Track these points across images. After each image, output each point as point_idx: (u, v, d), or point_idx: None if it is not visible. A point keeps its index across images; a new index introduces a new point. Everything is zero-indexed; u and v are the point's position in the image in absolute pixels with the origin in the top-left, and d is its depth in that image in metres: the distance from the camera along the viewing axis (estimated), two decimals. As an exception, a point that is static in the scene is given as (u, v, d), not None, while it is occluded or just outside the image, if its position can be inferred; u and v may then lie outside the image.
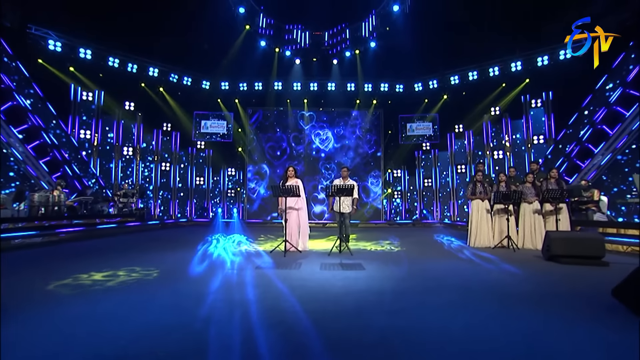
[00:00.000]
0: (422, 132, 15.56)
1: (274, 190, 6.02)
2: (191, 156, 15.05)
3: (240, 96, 15.31)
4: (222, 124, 15.61)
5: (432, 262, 5.08)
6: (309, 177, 15.16)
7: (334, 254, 5.78)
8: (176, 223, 13.09)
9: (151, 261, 4.89)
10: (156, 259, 5.11)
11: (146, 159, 13.49)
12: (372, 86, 15.21)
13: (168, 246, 6.74)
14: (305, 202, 6.53)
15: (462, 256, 5.61)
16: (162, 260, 5.06)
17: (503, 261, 5.05)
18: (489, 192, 6.94)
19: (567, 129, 10.67)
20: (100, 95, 11.97)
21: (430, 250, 6.50)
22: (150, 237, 8.64)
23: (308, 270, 4.40)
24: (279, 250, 5.95)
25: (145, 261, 4.87)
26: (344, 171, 6.69)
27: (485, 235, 6.84)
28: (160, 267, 4.46)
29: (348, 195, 6.07)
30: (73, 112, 11.43)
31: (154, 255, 5.50)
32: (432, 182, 15.10)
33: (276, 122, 15.47)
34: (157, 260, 5.04)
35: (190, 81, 14.46)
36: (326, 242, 7.74)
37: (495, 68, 12.81)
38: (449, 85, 14.22)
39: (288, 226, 6.27)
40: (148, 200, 12.84)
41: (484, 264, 4.84)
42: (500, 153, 13.14)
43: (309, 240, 6.64)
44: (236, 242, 7.50)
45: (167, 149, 14.26)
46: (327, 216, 14.94)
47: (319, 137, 15.49)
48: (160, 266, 4.51)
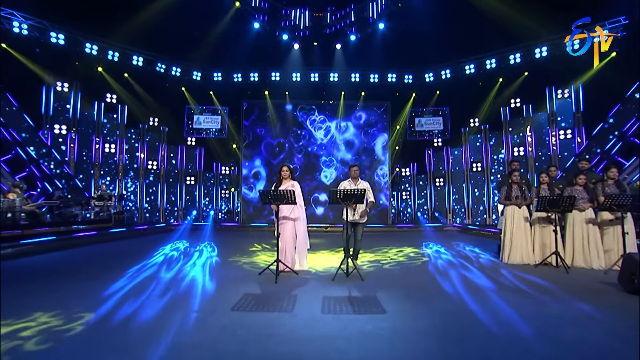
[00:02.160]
0: (432, 127, 14.23)
1: (263, 196, 4.74)
2: (181, 153, 13.79)
3: (235, 88, 14.01)
4: (216, 119, 14.34)
5: (471, 294, 3.80)
6: (310, 175, 13.89)
7: (339, 277, 4.53)
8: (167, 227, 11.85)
9: (84, 297, 3.59)
10: (93, 292, 3.73)
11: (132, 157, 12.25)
12: (378, 77, 13.88)
13: (130, 262, 5.48)
14: (303, 210, 5.25)
15: (506, 282, 4.33)
16: (102, 291, 3.78)
17: (567, 292, 3.77)
18: (528, 197, 5.65)
19: (604, 122, 9.31)
20: (77, 87, 10.69)
21: (459, 268, 5.22)
22: (116, 249, 7.37)
23: (304, 312, 3.14)
24: (270, 271, 4.70)
25: (72, 297, 3.58)
26: (354, 170, 5.27)
27: (523, 249, 5.57)
28: (97, 305, 3.20)
29: (359, 202, 4.79)
30: (45, 105, 10.16)
31: (92, 286, 3.99)
32: (443, 181, 13.79)
33: (274, 116, 14.17)
34: (93, 293, 3.69)
35: (179, 71, 13.17)
36: (329, 256, 6.47)
37: (517, 55, 11.44)
38: (464, 75, 12.87)
39: (282, 240, 4.99)
40: (123, 201, 11.45)
41: (545, 299, 3.55)
42: (521, 149, 11.80)
43: (308, 253, 5.37)
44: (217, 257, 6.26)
45: (154, 146, 13.01)
46: (330, 218, 13.67)
47: (321, 132, 14.19)
48: (96, 305, 3.23)
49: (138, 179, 12.36)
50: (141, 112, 12.39)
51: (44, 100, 10.11)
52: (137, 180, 12.32)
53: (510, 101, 11.99)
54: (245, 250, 7.03)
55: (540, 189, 5.63)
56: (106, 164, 11.45)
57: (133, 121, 12.21)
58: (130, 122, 12.13)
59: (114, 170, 11.58)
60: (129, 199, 11.97)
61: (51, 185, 9.13)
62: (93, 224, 8.77)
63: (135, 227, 9.37)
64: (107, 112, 11.41)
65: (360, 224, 5.22)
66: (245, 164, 14.02)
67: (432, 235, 10.69)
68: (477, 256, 6.47)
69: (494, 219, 12.46)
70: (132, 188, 12.24)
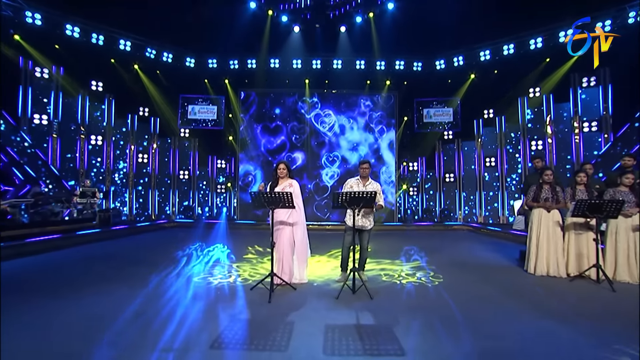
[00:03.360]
0: (441, 119, 13.50)
1: (256, 199, 4.10)
2: (174, 146, 13.16)
3: (231, 76, 13.29)
4: (212, 109, 13.67)
5: (507, 322, 3.17)
6: (311, 170, 13.23)
7: (344, 295, 3.91)
8: (155, 226, 11.28)
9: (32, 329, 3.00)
10: (41, 321, 3.17)
11: (120, 148, 11.60)
12: (385, 64, 13.10)
13: (106, 276, 4.88)
14: (302, 213, 4.60)
15: (547, 303, 3.69)
16: (54, 317, 3.18)
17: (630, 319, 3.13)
18: (562, 199, 4.98)
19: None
20: (60, 72, 9.99)
21: (481, 284, 4.57)
22: (89, 253, 6.70)
23: (302, 352, 2.52)
24: (264, 286, 4.09)
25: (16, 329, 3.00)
26: (364, 167, 4.57)
27: (551, 259, 4.92)
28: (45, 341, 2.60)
29: (367, 207, 4.14)
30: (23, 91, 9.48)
31: (30, 310, 3.41)
32: (454, 177, 13.11)
33: (273, 107, 13.46)
34: (43, 321, 3.12)
35: (171, 57, 12.43)
36: (330, 263, 5.85)
37: (538, 39, 10.61)
38: (478, 62, 12.07)
39: (278, 250, 4.36)
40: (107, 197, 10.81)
41: (607, 335, 2.92)
42: (539, 143, 11.06)
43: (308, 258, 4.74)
44: (211, 262, 5.65)
45: (143, 138, 12.36)
46: (331, 216, 13.06)
47: (323, 124, 13.48)
48: (44, 340, 2.63)
49: (127, 174, 11.76)
50: (130, 102, 11.72)
51: (21, 88, 9.45)
52: (126, 176, 11.72)
53: (529, 90, 11.20)
54: (239, 254, 6.44)
55: (577, 190, 4.96)
56: (92, 156, 10.80)
57: (121, 111, 11.54)
58: (119, 112, 11.45)
59: (100, 164, 10.96)
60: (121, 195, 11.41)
61: (30, 183, 8.54)
62: (76, 223, 8.20)
63: (114, 227, 8.72)
64: (93, 102, 10.72)
65: (366, 230, 4.57)
66: (242, 157, 13.37)
67: (442, 236, 10.07)
68: (498, 264, 5.83)
69: (508, 218, 11.82)
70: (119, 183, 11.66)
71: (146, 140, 12.39)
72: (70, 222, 8.16)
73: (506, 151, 11.96)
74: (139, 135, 12.21)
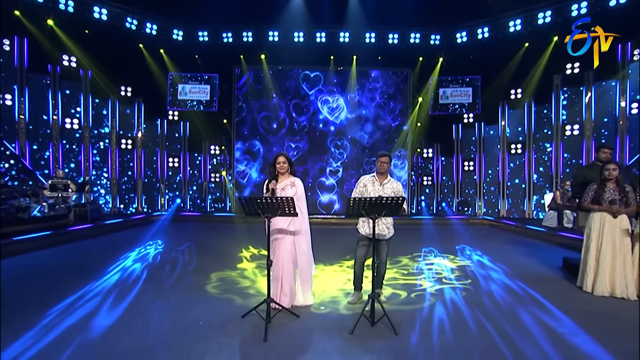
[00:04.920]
0: (460, 100, 12.42)
1: (247, 206, 3.24)
2: (162, 130, 12.24)
3: (225, 51, 12.18)
4: (204, 89, 12.64)
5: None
6: (314, 157, 12.32)
7: (361, 328, 3.12)
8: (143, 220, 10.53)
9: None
10: None
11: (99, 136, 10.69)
12: (398, 37, 11.92)
13: (53, 294, 4.07)
14: (306, 220, 3.76)
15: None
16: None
17: None
18: (633, 201, 4.08)
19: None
20: (22, 44, 8.94)
21: (530, 307, 3.72)
22: (49, 262, 5.84)
23: None
24: (258, 314, 3.30)
25: None
26: (384, 162, 3.69)
27: (619, 276, 4.05)
28: None
29: (392, 214, 3.29)
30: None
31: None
32: (474, 165, 12.16)
33: (272, 86, 12.42)
34: None
35: (155, 29, 11.30)
36: (339, 274, 5.03)
37: (583, 4, 9.36)
38: (506, 34, 10.87)
39: (276, 265, 3.55)
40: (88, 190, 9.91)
41: None
42: (575, 128, 10.02)
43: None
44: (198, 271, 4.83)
45: (127, 121, 11.42)
46: (337, 207, 12.26)
47: (328, 105, 12.45)
48: None
49: (108, 161, 10.89)
50: (109, 80, 10.70)
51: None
52: (106, 164, 10.85)
53: (566, 67, 10.05)
54: (229, 261, 5.63)
55: (607, 189, 4.11)
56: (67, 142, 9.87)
57: (98, 91, 10.52)
58: (96, 91, 10.44)
59: (75, 150, 10.05)
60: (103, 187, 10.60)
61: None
62: (47, 220, 7.41)
63: (69, 228, 7.83)
64: (66, 78, 9.68)
65: (385, 240, 3.71)
66: (238, 143, 12.46)
67: (461, 233, 9.25)
68: (540, 276, 4.99)
69: (535, 213, 10.94)
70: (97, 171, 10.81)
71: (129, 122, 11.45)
72: (42, 219, 7.37)
73: (535, 137, 10.93)
74: (123, 117, 11.24)
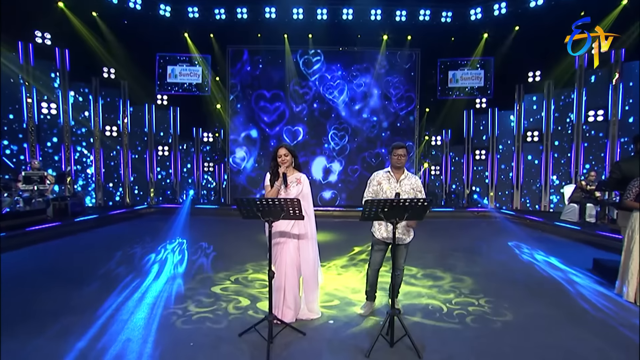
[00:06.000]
0: (471, 83, 11.79)
1: (244, 207, 2.73)
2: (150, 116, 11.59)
3: (217, 29, 11.43)
4: (195, 71, 11.94)
5: None
6: (314, 145, 11.75)
7: (379, 348, 2.71)
8: (130, 214, 10.00)
9: None
10: None
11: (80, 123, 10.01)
12: (406, 13, 11.18)
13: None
14: (313, 223, 3.29)
15: None
16: None
17: None
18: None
19: None
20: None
21: (569, 322, 3.17)
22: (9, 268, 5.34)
23: None
24: (258, 333, 2.85)
25: None
26: (400, 154, 3.21)
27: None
28: None
29: (417, 217, 2.80)
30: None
31: None
32: (486, 154, 11.63)
33: (268, 67, 11.73)
34: None
35: (139, 4, 10.51)
36: (346, 276, 4.55)
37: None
38: (526, 9, 10.16)
39: (278, 273, 3.09)
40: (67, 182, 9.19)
41: None
42: (600, 114, 9.43)
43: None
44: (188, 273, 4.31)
45: (112, 106, 10.75)
46: (338, 200, 11.76)
47: (329, 89, 11.80)
48: None
49: (92, 150, 10.26)
50: (90, 60, 9.97)
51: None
52: (90, 153, 10.22)
53: (592, 45, 9.39)
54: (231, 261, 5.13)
55: None
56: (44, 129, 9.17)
57: (79, 72, 9.78)
58: (76, 73, 9.71)
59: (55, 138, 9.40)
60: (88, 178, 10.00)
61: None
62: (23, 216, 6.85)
63: (75, 220, 7.37)
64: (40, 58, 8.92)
65: (404, 244, 3.27)
66: (233, 129, 11.85)
67: (473, 227, 8.80)
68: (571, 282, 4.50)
69: (551, 205, 10.47)
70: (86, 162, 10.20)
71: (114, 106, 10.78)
72: (16, 215, 6.81)
73: (554, 122, 10.35)
74: (106, 103, 10.55)
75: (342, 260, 5.41)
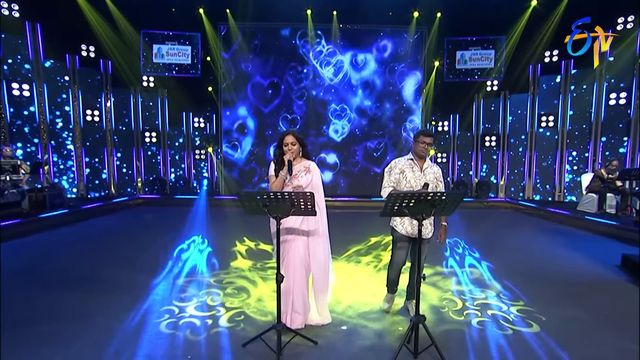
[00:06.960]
0: (480, 65, 11.25)
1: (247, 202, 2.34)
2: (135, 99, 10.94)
3: (207, 4, 10.69)
4: (185, 51, 11.24)
5: None
6: (314, 130, 11.21)
7: (400, 358, 2.33)
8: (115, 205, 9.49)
9: None
10: None
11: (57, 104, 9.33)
12: (414, -14, 10.51)
13: None
14: (324, 218, 2.97)
15: None
16: None
17: None
18: None
19: None
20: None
21: (607, 333, 2.78)
22: None
23: None
24: (265, 343, 2.51)
25: None
26: (428, 142, 2.93)
27: None
28: None
29: (446, 213, 2.48)
30: None
31: None
32: (497, 140, 11.19)
33: (264, 46, 11.05)
34: None
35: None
36: (355, 273, 4.14)
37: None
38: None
39: (286, 274, 2.74)
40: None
41: None
42: (622, 96, 8.94)
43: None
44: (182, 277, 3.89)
45: (93, 89, 10.06)
46: (341, 187, 11.32)
47: (330, 69, 11.19)
48: None
49: (72, 137, 9.61)
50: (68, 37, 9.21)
51: None
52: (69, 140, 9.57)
53: (617, 21, 8.81)
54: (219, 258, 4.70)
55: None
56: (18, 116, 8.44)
57: (54, 50, 8.99)
58: (50, 51, 8.94)
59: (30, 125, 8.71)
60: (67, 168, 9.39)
61: None
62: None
63: (53, 213, 6.81)
64: (9, 33, 8.13)
65: (426, 239, 3.04)
66: (227, 114, 11.24)
67: (484, 219, 8.45)
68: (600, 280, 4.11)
69: (566, 195, 10.12)
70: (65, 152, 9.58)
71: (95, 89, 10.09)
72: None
73: (572, 107, 9.87)
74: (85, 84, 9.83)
75: (347, 258, 5.00)
